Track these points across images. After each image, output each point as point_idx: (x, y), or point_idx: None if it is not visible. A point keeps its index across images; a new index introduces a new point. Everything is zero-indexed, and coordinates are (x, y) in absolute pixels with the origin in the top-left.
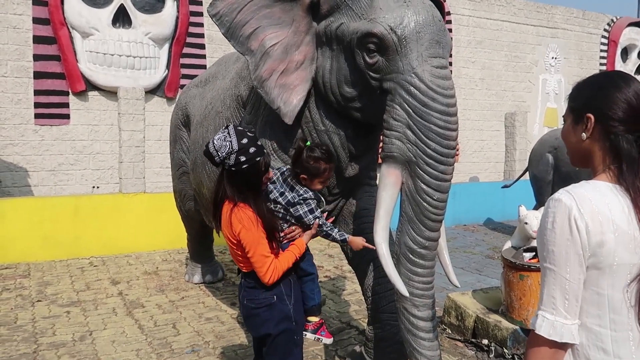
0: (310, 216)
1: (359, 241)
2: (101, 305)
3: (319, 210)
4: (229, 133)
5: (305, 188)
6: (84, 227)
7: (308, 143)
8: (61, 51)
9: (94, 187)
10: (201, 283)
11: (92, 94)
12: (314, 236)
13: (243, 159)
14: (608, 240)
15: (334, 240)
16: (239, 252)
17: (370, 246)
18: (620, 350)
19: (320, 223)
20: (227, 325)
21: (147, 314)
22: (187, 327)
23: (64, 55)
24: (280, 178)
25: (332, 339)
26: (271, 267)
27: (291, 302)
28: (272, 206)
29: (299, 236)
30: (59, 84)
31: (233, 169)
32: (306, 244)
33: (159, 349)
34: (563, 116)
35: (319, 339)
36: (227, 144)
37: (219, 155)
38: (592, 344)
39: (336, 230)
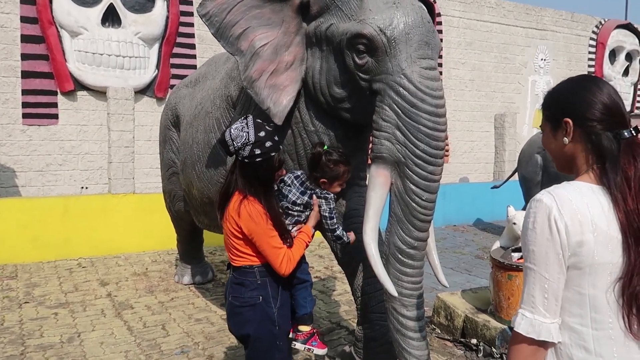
0: (332, 213)
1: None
2: (90, 306)
3: (335, 211)
4: (247, 124)
5: (325, 190)
6: (72, 228)
7: (325, 147)
8: (49, 50)
9: (82, 187)
10: (191, 284)
11: (81, 93)
12: (317, 228)
13: (258, 152)
14: (588, 240)
15: (339, 238)
16: (239, 244)
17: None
18: (602, 349)
19: (336, 227)
20: (217, 326)
21: (136, 315)
22: (177, 328)
23: (52, 55)
24: (295, 182)
25: (325, 349)
26: (285, 257)
27: (276, 306)
28: (289, 207)
29: (305, 223)
30: (47, 84)
31: (246, 160)
32: (312, 230)
33: (148, 350)
34: (540, 126)
35: (310, 349)
36: (244, 134)
37: (234, 144)
38: (574, 342)
39: (345, 233)
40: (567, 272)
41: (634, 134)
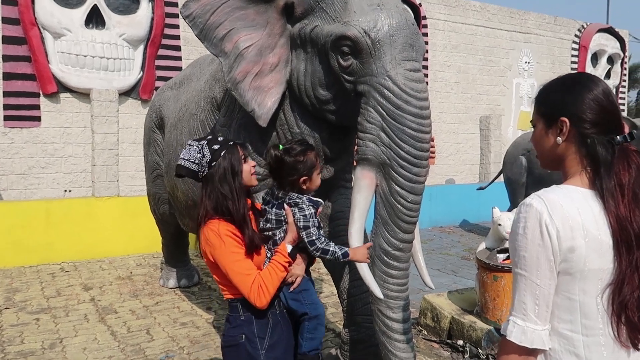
0: (309, 222)
1: (362, 252)
2: (72, 311)
3: (316, 218)
4: (199, 146)
5: (296, 195)
6: (55, 232)
7: (280, 146)
8: (32, 52)
9: (66, 190)
10: (176, 287)
11: (64, 95)
12: (303, 250)
13: (210, 159)
14: (579, 245)
15: (324, 252)
16: (217, 274)
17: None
18: (592, 355)
19: (315, 238)
20: (202, 330)
21: (120, 319)
22: (162, 332)
23: (34, 56)
24: (266, 196)
25: None
26: (254, 285)
27: (264, 346)
28: (264, 227)
29: (279, 242)
30: (29, 86)
31: (206, 174)
32: (289, 248)
33: (132, 355)
34: (531, 121)
35: None
36: (200, 154)
37: (201, 168)
38: (564, 349)
39: (332, 244)
40: (557, 278)
41: (628, 140)
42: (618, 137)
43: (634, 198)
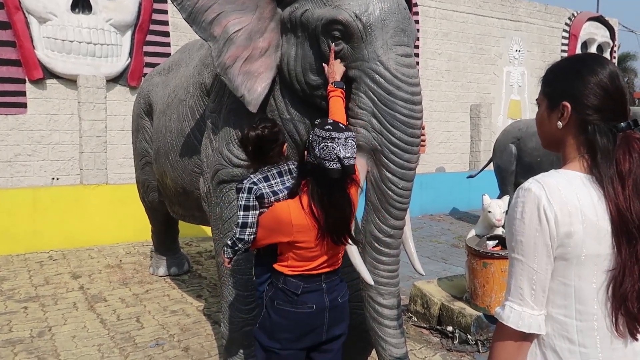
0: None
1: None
2: (61, 300)
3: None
4: (350, 138)
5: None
6: (43, 220)
7: (254, 126)
8: (16, 37)
9: (53, 178)
10: (166, 275)
11: (51, 82)
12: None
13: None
14: (576, 230)
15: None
16: None
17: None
18: (586, 340)
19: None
20: (192, 317)
21: (109, 307)
22: (152, 320)
23: (19, 42)
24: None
25: None
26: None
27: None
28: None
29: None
30: (14, 71)
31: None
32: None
33: (122, 343)
34: (537, 100)
35: None
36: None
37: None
38: (557, 333)
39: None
40: (554, 263)
41: (632, 127)
42: (622, 124)
43: (634, 187)
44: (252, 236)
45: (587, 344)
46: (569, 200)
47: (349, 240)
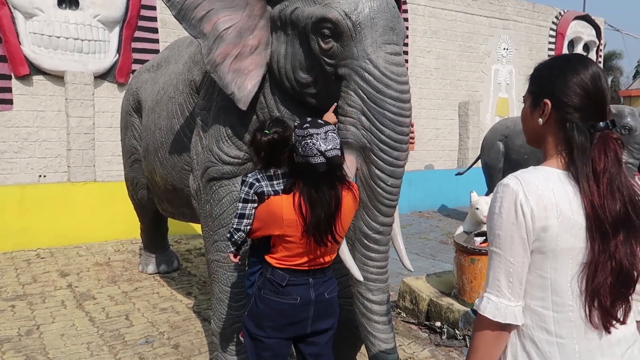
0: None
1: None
2: (49, 298)
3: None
4: (331, 132)
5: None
6: (30, 218)
7: (267, 132)
8: (2, 32)
9: (40, 176)
10: (156, 273)
11: (37, 78)
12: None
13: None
14: (552, 225)
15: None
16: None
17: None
18: (562, 331)
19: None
20: (182, 315)
21: (98, 305)
22: (141, 318)
23: (5, 37)
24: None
25: None
26: None
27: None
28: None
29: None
30: (0, 68)
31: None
32: None
33: (111, 341)
34: (523, 96)
35: None
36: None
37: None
38: (535, 324)
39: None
40: (531, 257)
41: (610, 127)
42: (601, 123)
43: (609, 186)
44: (248, 227)
45: (564, 334)
46: (545, 196)
47: (330, 240)
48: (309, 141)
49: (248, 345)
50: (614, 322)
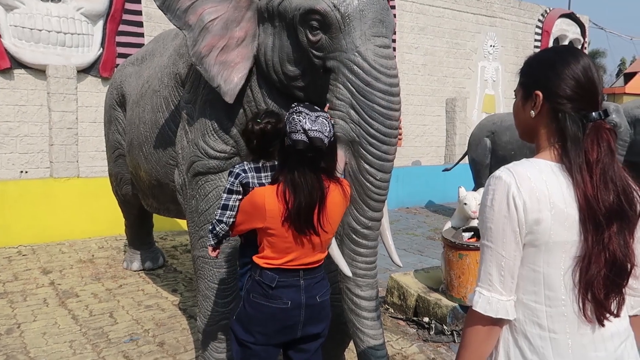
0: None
1: None
2: (30, 296)
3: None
4: (321, 117)
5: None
6: (11, 214)
7: (259, 120)
8: None
9: (22, 171)
10: (140, 270)
11: (18, 72)
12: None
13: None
14: (545, 218)
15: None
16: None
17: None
18: (555, 325)
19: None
20: (168, 312)
21: (81, 303)
22: (125, 315)
23: None
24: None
25: None
26: None
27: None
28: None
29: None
30: None
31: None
32: None
33: (95, 339)
34: (515, 90)
35: None
36: (329, 127)
37: (328, 140)
38: (528, 319)
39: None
40: (523, 250)
41: (602, 117)
42: (593, 113)
43: (602, 176)
44: (231, 219)
45: (557, 329)
46: (538, 188)
47: (311, 232)
48: (295, 117)
49: (235, 351)
50: (607, 315)
